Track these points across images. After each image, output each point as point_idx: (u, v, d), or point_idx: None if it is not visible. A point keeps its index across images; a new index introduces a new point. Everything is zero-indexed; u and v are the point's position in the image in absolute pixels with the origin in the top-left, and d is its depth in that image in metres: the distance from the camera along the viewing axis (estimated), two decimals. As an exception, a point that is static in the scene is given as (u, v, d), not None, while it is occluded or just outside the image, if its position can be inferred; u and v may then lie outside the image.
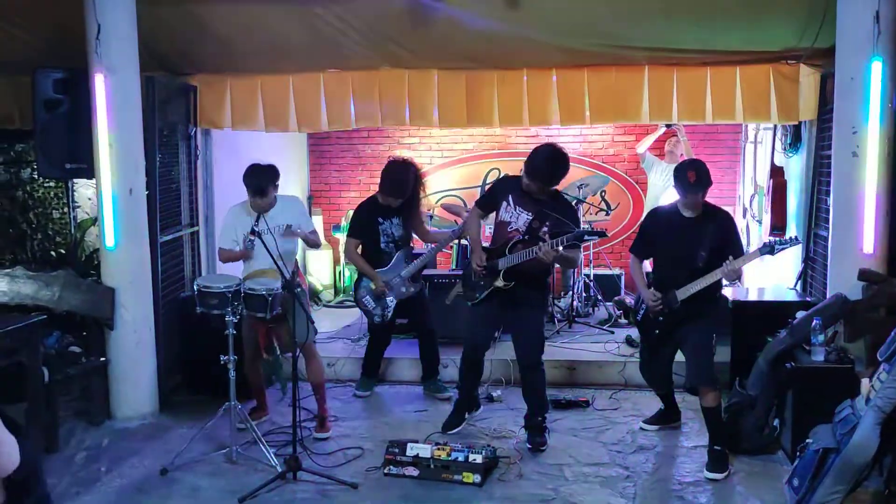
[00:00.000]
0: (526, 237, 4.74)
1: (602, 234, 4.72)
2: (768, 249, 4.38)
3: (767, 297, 6.28)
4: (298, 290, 5.05)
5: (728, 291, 6.13)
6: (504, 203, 4.85)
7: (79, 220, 6.85)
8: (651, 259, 4.97)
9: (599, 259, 8.40)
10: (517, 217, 4.79)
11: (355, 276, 5.95)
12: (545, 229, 4.65)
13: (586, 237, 4.63)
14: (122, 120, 5.25)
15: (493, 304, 4.93)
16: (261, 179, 4.93)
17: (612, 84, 6.02)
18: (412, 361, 6.19)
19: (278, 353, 5.39)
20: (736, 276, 4.46)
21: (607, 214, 8.53)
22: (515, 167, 8.30)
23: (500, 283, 4.80)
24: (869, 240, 4.78)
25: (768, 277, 7.07)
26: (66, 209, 6.91)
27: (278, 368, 5.61)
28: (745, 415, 4.81)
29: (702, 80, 5.91)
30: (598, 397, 5.81)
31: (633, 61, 5.89)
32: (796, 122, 6.07)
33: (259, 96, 6.33)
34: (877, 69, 4.59)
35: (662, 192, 7.46)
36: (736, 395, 4.93)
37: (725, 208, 4.80)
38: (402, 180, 5.54)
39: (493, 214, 5.03)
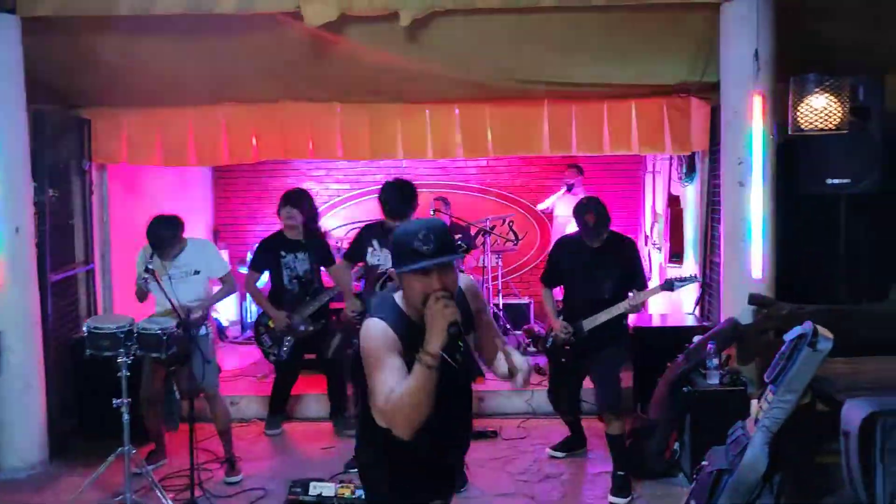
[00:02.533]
0: None
1: (470, 247, 4.80)
2: (668, 287, 4.55)
3: (667, 322, 6.45)
4: (204, 332, 4.93)
5: (631, 318, 6.30)
6: (370, 248, 4.91)
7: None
8: (561, 288, 5.06)
9: (508, 288, 8.49)
10: (385, 258, 4.83)
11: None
12: None
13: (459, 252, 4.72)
14: (7, 156, 5.02)
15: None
16: (161, 234, 4.77)
17: (513, 117, 6.15)
18: (321, 398, 6.09)
19: (177, 397, 5.20)
20: (638, 309, 4.61)
21: (515, 244, 8.63)
22: (422, 199, 8.34)
23: None
24: (757, 266, 4.98)
25: (669, 303, 7.27)
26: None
27: (173, 413, 5.40)
28: (647, 439, 4.91)
29: (599, 113, 6.09)
30: (506, 427, 5.83)
31: (533, 95, 6.02)
32: (689, 153, 6.31)
33: (156, 130, 6.18)
34: (758, 103, 4.82)
35: (569, 220, 7.62)
36: (638, 421, 5.02)
37: (628, 236, 4.93)
38: (297, 204, 5.53)
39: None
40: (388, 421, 2.24)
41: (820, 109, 4.43)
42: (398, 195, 4.72)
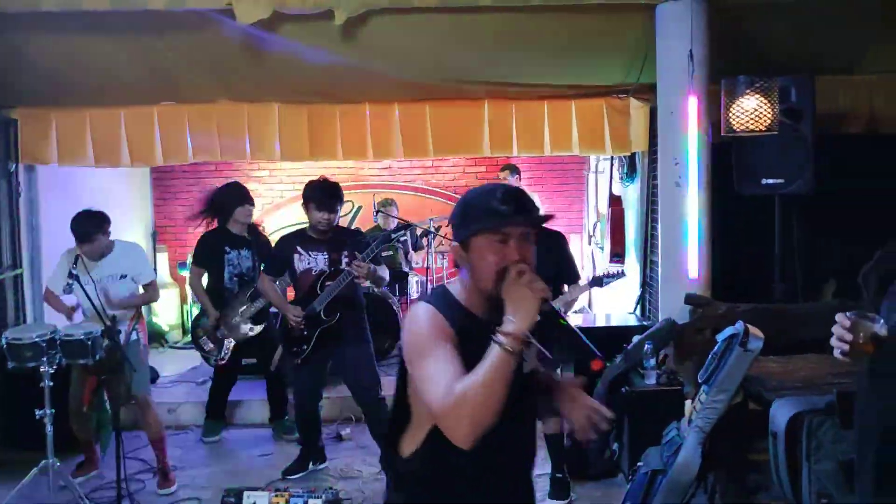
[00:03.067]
0: (331, 269, 4.69)
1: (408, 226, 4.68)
2: (597, 283, 4.54)
3: (608, 322, 6.47)
4: (134, 339, 4.79)
5: (578, 318, 6.32)
6: (295, 256, 4.78)
7: None
8: None
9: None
10: (315, 260, 4.74)
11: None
12: (345, 254, 4.66)
13: (393, 236, 4.72)
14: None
15: (318, 354, 4.79)
16: (84, 226, 4.63)
17: (453, 117, 6.10)
18: (261, 402, 5.97)
19: (106, 406, 5.04)
20: (570, 307, 4.59)
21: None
22: (367, 199, 8.30)
23: (324, 319, 4.68)
24: (693, 265, 5.01)
25: (615, 303, 7.31)
26: None
27: (105, 423, 5.23)
28: (586, 441, 4.89)
29: (539, 113, 6.08)
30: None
31: (473, 95, 5.99)
32: (629, 154, 6.34)
33: (87, 130, 5.98)
34: (693, 104, 4.85)
35: None
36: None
37: (573, 237, 4.95)
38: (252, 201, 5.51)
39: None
40: (449, 422, 1.72)
41: (751, 111, 4.46)
42: (326, 191, 4.66)
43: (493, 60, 5.62)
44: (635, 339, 5.07)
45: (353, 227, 8.41)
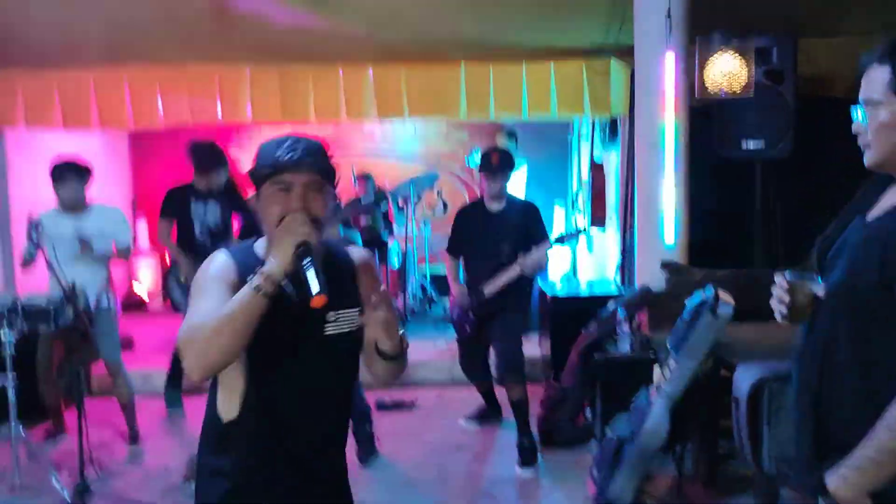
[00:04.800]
0: None
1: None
2: (557, 240, 4.47)
3: (587, 291, 6.40)
4: (105, 306, 4.71)
5: (559, 286, 6.24)
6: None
7: None
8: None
9: (437, 259, 8.35)
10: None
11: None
12: None
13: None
14: None
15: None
16: (63, 170, 4.60)
17: (429, 79, 5.97)
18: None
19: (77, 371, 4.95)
20: (536, 269, 4.51)
21: (445, 212, 8.49)
22: (347, 168, 8.17)
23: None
24: (670, 231, 4.91)
25: (595, 269, 7.23)
26: None
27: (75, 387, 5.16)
28: (559, 408, 4.85)
29: (517, 75, 5.94)
30: (424, 397, 5.73)
31: (449, 57, 5.84)
32: (608, 117, 6.21)
33: (55, 92, 5.85)
34: (670, 61, 4.70)
35: None
36: (552, 389, 4.96)
37: (557, 203, 4.83)
38: (203, 156, 5.39)
39: None
40: (181, 351, 1.72)
41: (726, 72, 4.33)
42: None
43: (470, 20, 5.46)
44: (609, 305, 5.00)
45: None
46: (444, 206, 8.56)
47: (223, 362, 1.74)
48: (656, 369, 3.91)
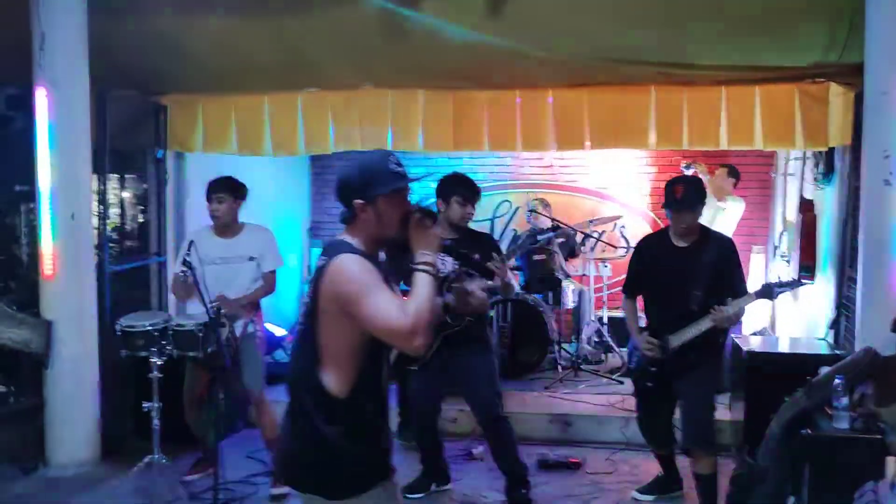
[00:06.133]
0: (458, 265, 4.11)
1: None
2: (766, 293, 3.73)
3: (791, 348, 5.53)
4: (250, 331, 4.55)
5: (756, 341, 5.46)
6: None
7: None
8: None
9: (615, 301, 7.69)
10: (442, 263, 4.05)
11: None
12: (476, 256, 4.09)
13: (539, 238, 4.71)
14: (65, 138, 4.82)
15: (438, 360, 4.17)
16: (219, 185, 4.54)
17: (614, 106, 5.45)
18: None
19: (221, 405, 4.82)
20: (731, 323, 3.82)
21: (627, 251, 7.83)
22: (523, 199, 7.77)
23: (449, 322, 3.97)
24: (904, 284, 4.04)
25: (799, 325, 6.30)
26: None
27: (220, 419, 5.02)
28: (754, 489, 4.08)
29: (715, 101, 5.29)
30: (592, 458, 5.12)
31: (638, 80, 5.29)
32: (825, 148, 5.38)
33: (232, 117, 5.90)
34: (910, 83, 3.89)
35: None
36: (744, 465, 4.20)
37: (755, 249, 4.12)
38: None
39: None
40: (408, 336, 2.13)
41: None
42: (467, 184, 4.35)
43: (661, 38, 4.87)
44: (823, 370, 4.19)
45: (511, 228, 8.02)
46: (627, 244, 7.91)
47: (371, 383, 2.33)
48: (891, 461, 3.12)
